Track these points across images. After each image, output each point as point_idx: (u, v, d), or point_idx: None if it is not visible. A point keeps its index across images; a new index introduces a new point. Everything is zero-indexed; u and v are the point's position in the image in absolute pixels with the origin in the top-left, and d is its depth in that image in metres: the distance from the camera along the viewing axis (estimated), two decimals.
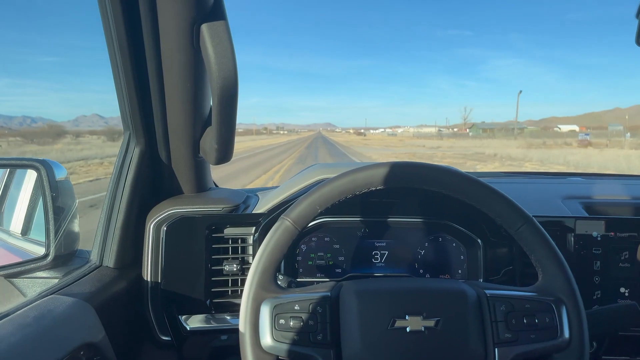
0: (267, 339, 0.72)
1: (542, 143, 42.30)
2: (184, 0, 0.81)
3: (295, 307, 0.73)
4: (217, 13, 0.83)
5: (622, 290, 1.07)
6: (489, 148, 33.25)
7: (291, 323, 0.72)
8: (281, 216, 0.77)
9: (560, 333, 0.71)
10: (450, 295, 0.75)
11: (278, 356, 0.72)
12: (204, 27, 0.83)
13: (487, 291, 0.76)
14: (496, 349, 0.71)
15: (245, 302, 0.74)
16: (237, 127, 0.96)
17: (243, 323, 0.73)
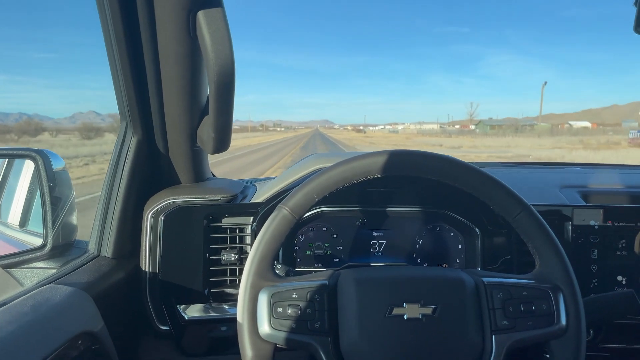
0: (265, 327, 0.72)
1: (579, 141, 36.40)
2: None
3: (293, 295, 0.73)
4: (213, 0, 0.83)
5: (620, 278, 1.07)
6: (522, 148, 28.03)
7: (289, 311, 0.72)
8: (279, 205, 0.77)
9: (557, 320, 0.71)
10: (448, 283, 0.75)
11: (276, 344, 0.72)
12: (201, 15, 0.82)
13: (484, 279, 0.76)
14: (493, 336, 0.71)
15: (242, 291, 0.74)
16: (232, 124, 0.96)
17: (241, 311, 0.73)
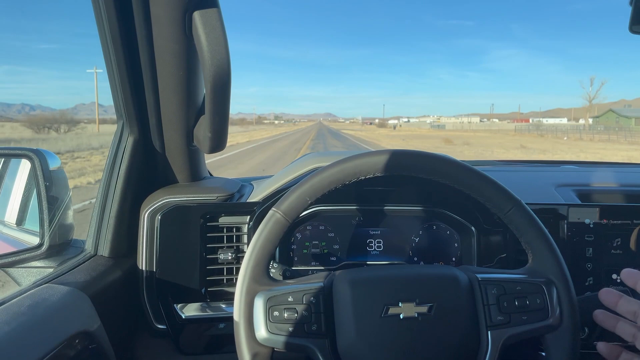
0: (262, 332, 0.72)
1: None
2: None
3: (289, 299, 0.73)
4: (209, 0, 0.83)
5: (614, 276, 1.08)
6: None
7: (285, 315, 0.72)
8: (272, 209, 0.77)
9: (551, 313, 0.72)
10: (442, 281, 0.75)
11: (274, 348, 0.72)
12: (196, 15, 0.82)
13: (478, 275, 0.76)
14: (489, 332, 0.72)
15: (238, 296, 0.74)
16: (228, 123, 0.95)
17: (237, 317, 0.73)
